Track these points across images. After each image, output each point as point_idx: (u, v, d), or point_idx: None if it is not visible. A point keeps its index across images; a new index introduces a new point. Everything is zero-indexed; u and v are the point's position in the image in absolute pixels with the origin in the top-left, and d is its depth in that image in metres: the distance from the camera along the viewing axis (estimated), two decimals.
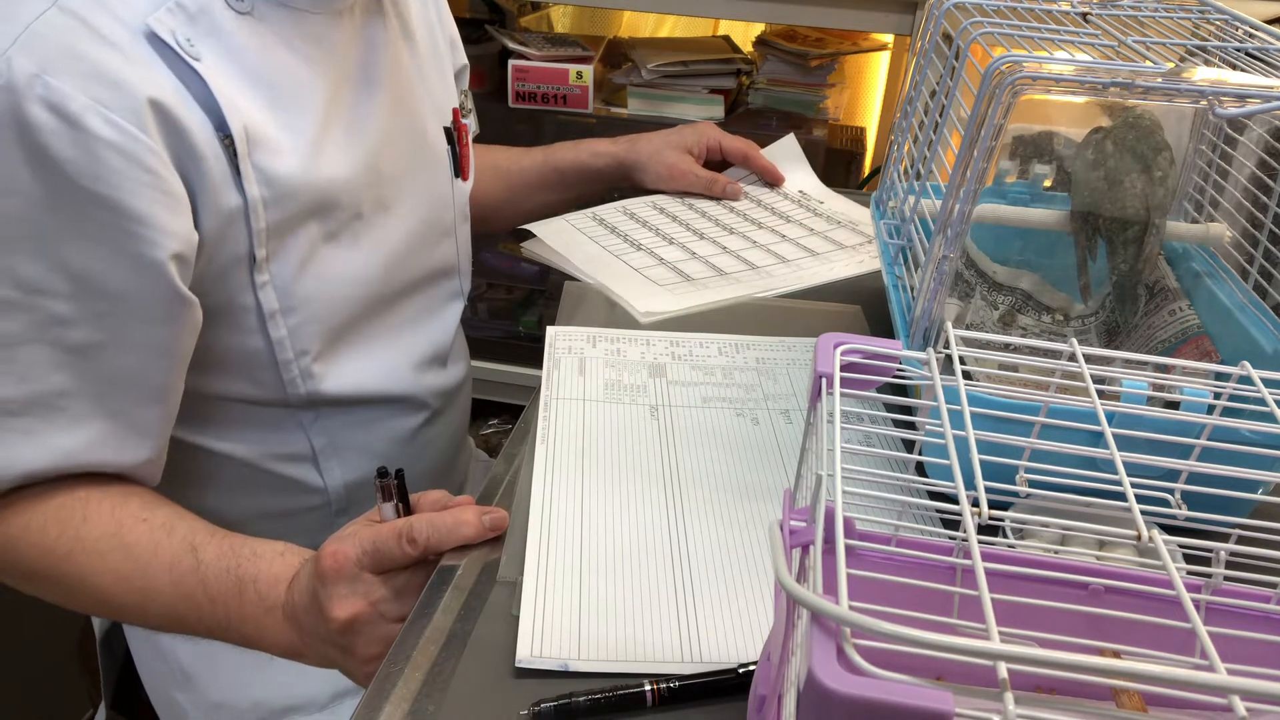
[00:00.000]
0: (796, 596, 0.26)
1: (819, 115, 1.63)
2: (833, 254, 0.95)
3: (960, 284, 0.79)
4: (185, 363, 0.64)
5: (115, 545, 0.62)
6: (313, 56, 0.66)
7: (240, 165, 0.61)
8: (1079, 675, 0.24)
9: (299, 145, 0.64)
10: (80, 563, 0.62)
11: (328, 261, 0.69)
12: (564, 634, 0.52)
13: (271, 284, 0.65)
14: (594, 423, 0.69)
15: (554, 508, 0.61)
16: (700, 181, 1.03)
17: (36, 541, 0.62)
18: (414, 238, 0.77)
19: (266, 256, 0.64)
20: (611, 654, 0.51)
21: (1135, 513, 0.34)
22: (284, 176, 0.63)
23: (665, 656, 0.51)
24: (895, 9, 1.35)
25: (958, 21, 0.66)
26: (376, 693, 0.50)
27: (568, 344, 0.77)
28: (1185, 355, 0.68)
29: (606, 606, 0.54)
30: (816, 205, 1.05)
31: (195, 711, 0.80)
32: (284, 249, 0.65)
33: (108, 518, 0.63)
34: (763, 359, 0.79)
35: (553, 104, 1.57)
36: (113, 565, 0.62)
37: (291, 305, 0.67)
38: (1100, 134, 0.70)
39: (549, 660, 0.51)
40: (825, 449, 0.35)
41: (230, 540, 0.63)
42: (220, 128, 0.60)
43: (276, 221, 0.64)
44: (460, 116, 0.84)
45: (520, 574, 0.56)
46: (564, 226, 0.96)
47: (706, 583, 0.56)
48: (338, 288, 0.70)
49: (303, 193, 0.65)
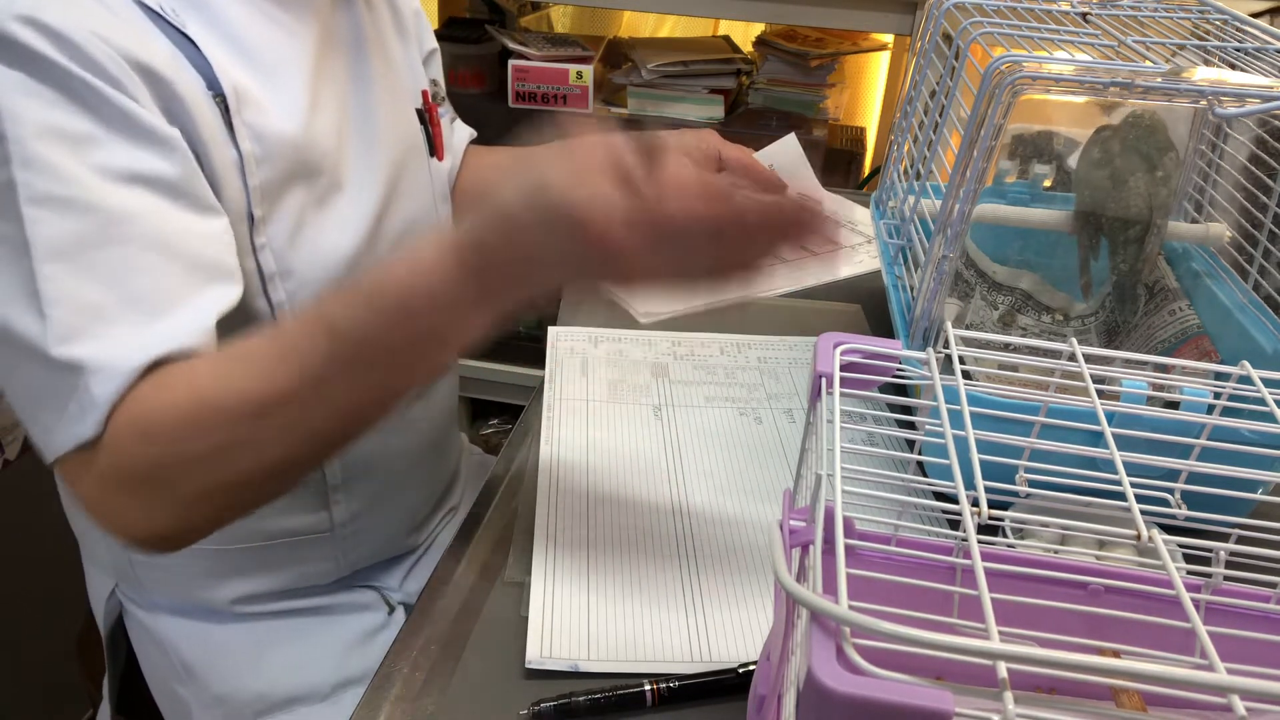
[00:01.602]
0: (796, 596, 0.26)
1: (819, 115, 1.63)
2: (832, 253, 0.96)
3: (960, 284, 0.79)
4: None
5: (255, 355, 0.56)
6: (293, 30, 0.68)
7: (233, 120, 0.62)
8: (1079, 675, 0.24)
9: (283, 108, 0.65)
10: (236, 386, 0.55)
11: (315, 228, 0.69)
12: (572, 635, 0.52)
13: (269, 246, 0.65)
14: (598, 423, 0.69)
15: (560, 509, 0.61)
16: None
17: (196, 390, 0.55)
18: (393, 214, 0.77)
19: (263, 217, 0.64)
20: (620, 654, 0.51)
21: (1135, 513, 0.34)
22: (272, 134, 0.64)
23: (673, 656, 0.51)
24: (895, 9, 1.35)
25: (958, 21, 0.66)
26: (376, 692, 0.50)
27: (570, 344, 0.77)
28: (1185, 355, 0.68)
29: (614, 607, 0.54)
30: (815, 205, 1.05)
31: (197, 705, 0.80)
32: (276, 212, 0.66)
33: (226, 357, 0.57)
34: (764, 358, 0.79)
35: (553, 104, 1.57)
36: (263, 369, 0.55)
37: (288, 269, 0.67)
38: (1107, 132, 0.70)
39: (558, 661, 0.51)
40: (825, 449, 0.35)
41: (343, 290, 0.55)
42: (212, 86, 0.61)
43: (267, 180, 0.64)
44: (429, 98, 0.85)
45: (528, 575, 0.56)
46: None
47: (713, 582, 0.56)
48: (325, 255, 0.70)
49: (289, 153, 0.65)
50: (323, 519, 0.76)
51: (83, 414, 0.53)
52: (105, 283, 0.55)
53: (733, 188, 0.48)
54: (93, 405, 0.53)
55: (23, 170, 0.53)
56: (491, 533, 0.62)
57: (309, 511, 0.76)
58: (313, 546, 0.77)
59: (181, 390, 0.55)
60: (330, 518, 0.76)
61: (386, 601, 0.82)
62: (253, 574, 0.76)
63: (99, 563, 0.81)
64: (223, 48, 0.63)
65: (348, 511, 0.77)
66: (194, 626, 0.79)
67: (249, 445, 0.54)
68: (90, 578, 0.84)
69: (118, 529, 0.56)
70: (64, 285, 0.53)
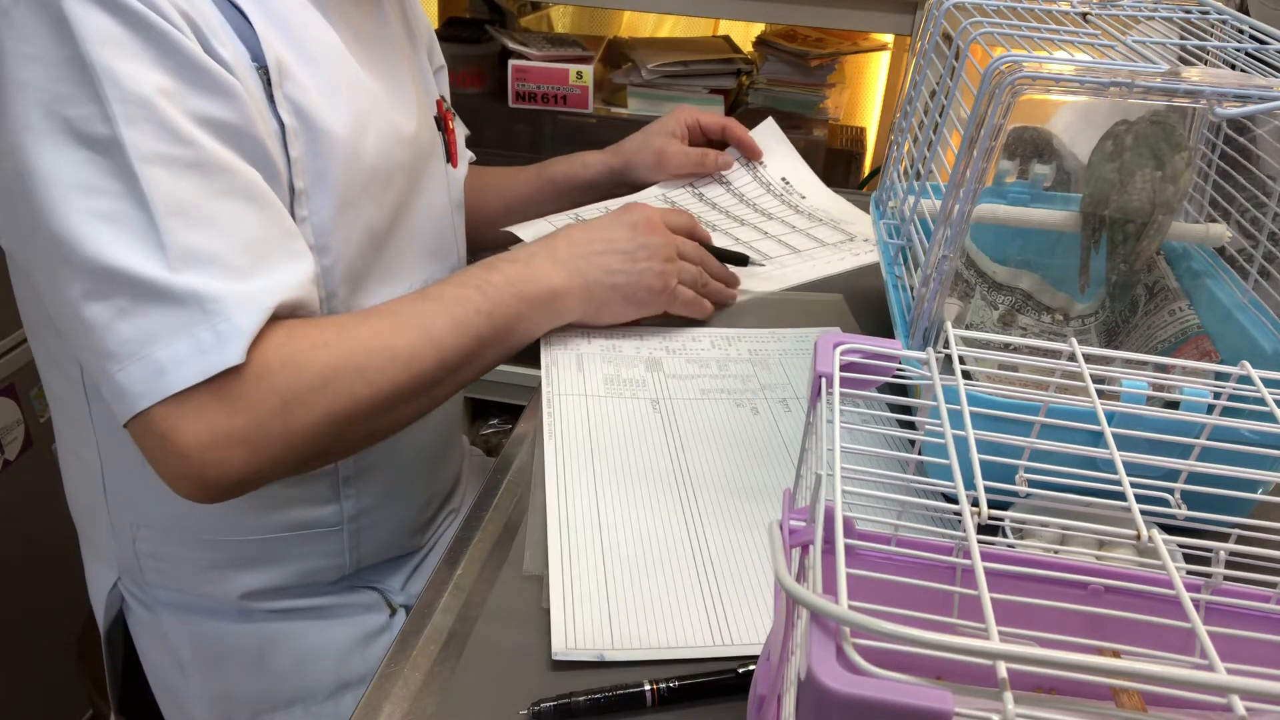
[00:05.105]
0: (796, 596, 0.26)
1: (819, 115, 1.63)
2: (815, 251, 0.97)
3: (960, 284, 0.79)
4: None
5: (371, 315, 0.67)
6: (331, 20, 0.69)
7: (274, 93, 0.63)
8: (1079, 675, 0.24)
9: (320, 90, 0.66)
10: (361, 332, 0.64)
11: (354, 209, 0.70)
12: (596, 625, 0.53)
13: (310, 220, 0.66)
14: (598, 417, 0.69)
15: (570, 502, 0.61)
16: (690, 159, 1.04)
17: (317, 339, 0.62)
18: (415, 207, 0.79)
19: (304, 190, 0.65)
20: (643, 642, 0.52)
21: (1135, 513, 0.34)
22: (311, 110, 0.65)
23: (696, 641, 0.52)
24: (895, 9, 1.35)
25: (958, 21, 0.66)
26: (376, 692, 0.50)
27: (563, 340, 0.78)
28: (1185, 355, 0.68)
29: (632, 596, 0.55)
30: (798, 201, 1.06)
31: (197, 702, 0.80)
32: (317, 187, 0.67)
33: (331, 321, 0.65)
34: (755, 350, 0.80)
35: (553, 104, 1.57)
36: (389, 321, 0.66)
37: (326, 244, 0.68)
38: (1123, 126, 0.70)
39: (584, 652, 0.51)
40: (825, 449, 0.35)
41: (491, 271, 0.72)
42: (256, 58, 0.62)
43: (304, 153, 0.65)
44: (443, 107, 0.86)
45: (545, 568, 0.56)
46: (547, 227, 0.96)
47: (727, 568, 0.57)
48: (358, 235, 0.71)
49: (327, 129, 0.66)
50: (334, 512, 0.77)
51: (221, 343, 0.56)
52: (222, 233, 0.57)
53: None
54: (236, 334, 0.56)
55: (129, 129, 0.55)
56: (492, 532, 0.62)
57: (321, 504, 0.76)
58: (322, 540, 0.78)
59: (326, 325, 0.62)
60: (341, 510, 0.77)
61: (388, 603, 0.83)
62: (261, 567, 0.77)
63: (102, 556, 0.81)
64: (267, 21, 0.64)
65: (358, 505, 0.78)
66: (197, 623, 0.79)
67: (367, 378, 0.62)
68: (91, 572, 0.84)
69: (212, 471, 0.57)
70: (184, 236, 0.56)
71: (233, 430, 0.57)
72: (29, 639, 1.32)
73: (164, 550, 0.76)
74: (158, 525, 0.75)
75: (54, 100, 0.54)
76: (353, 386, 0.62)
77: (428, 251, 0.81)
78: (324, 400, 0.60)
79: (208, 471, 0.57)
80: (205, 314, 0.56)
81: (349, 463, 0.77)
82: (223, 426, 0.57)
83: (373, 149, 0.70)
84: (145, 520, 0.75)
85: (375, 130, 0.71)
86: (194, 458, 0.57)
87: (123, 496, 0.75)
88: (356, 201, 0.69)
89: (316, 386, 0.60)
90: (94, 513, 0.78)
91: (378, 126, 0.71)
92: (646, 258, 0.77)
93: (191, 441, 0.56)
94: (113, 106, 0.54)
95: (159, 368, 0.55)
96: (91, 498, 0.77)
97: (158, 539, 0.76)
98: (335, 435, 0.62)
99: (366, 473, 0.78)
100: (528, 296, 0.71)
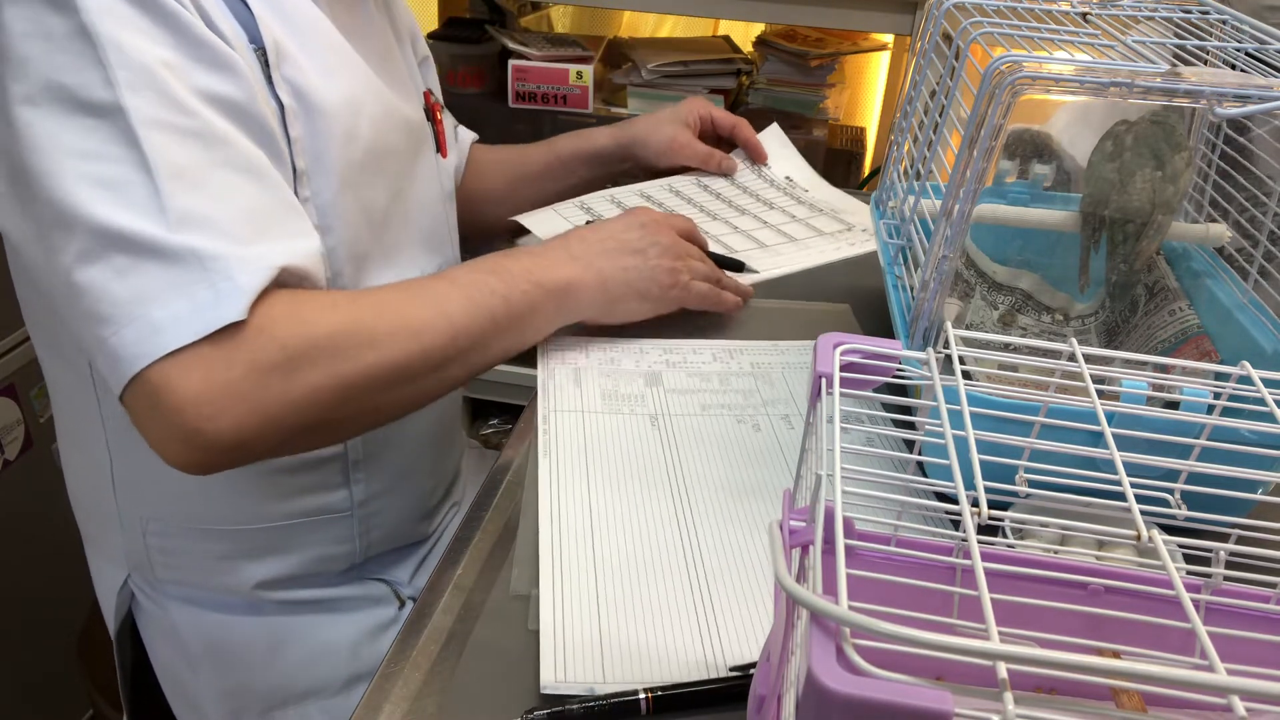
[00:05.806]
0: (796, 596, 0.26)
1: (819, 115, 1.64)
2: (811, 240, 0.96)
3: (960, 284, 0.79)
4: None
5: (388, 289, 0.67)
6: (324, 9, 0.70)
7: (272, 74, 0.63)
8: (1079, 675, 0.24)
9: (317, 72, 0.67)
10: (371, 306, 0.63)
11: (353, 190, 0.70)
12: (586, 657, 0.50)
13: (313, 201, 0.67)
14: (595, 434, 0.67)
15: (564, 524, 0.59)
16: (698, 155, 1.04)
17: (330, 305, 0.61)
18: (409, 195, 0.79)
19: (305, 170, 0.66)
20: (636, 674, 0.50)
21: (1135, 513, 0.34)
22: (308, 91, 0.65)
23: (690, 673, 0.50)
24: (895, 9, 1.35)
25: (958, 21, 0.66)
26: (377, 692, 0.50)
27: (560, 354, 0.77)
28: (1185, 355, 0.68)
29: (626, 624, 0.52)
30: (801, 193, 1.06)
31: (209, 698, 0.80)
32: (317, 167, 0.67)
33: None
34: (758, 363, 0.78)
35: (553, 104, 1.57)
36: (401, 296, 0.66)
37: (329, 225, 0.68)
38: (1123, 127, 0.70)
39: (574, 685, 0.49)
40: (825, 449, 0.35)
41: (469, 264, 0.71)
42: (254, 40, 0.63)
43: (304, 133, 0.65)
44: (429, 99, 0.87)
45: (535, 588, 0.54)
46: (552, 216, 0.96)
47: (724, 595, 0.55)
48: (357, 219, 0.71)
49: (325, 110, 0.66)
50: (344, 497, 0.77)
51: (220, 300, 0.54)
52: (222, 201, 0.57)
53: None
54: (237, 292, 0.55)
55: (131, 95, 0.55)
56: (492, 533, 0.62)
57: (331, 489, 0.77)
58: (333, 526, 0.78)
59: (335, 293, 0.63)
60: (351, 496, 0.78)
61: (398, 596, 0.83)
62: (273, 556, 0.77)
63: (110, 555, 0.81)
64: (263, 4, 0.64)
65: (367, 489, 0.78)
66: (209, 617, 0.79)
67: (377, 345, 0.61)
68: (98, 573, 0.84)
69: (208, 427, 0.54)
70: (185, 199, 0.55)
71: (231, 383, 0.54)
72: (29, 639, 1.32)
73: (175, 543, 0.76)
74: (169, 518, 0.75)
75: (54, 70, 0.54)
76: (361, 352, 0.59)
77: (423, 240, 0.82)
78: (331, 362, 0.58)
79: (203, 429, 0.54)
80: (205, 272, 0.54)
81: (358, 446, 0.77)
82: (220, 379, 0.54)
83: (368, 131, 0.70)
84: (156, 514, 0.75)
85: (369, 113, 0.71)
86: (188, 412, 0.53)
87: (133, 490, 0.75)
88: (355, 182, 0.70)
89: (324, 346, 0.58)
90: (101, 510, 0.78)
91: (372, 109, 0.71)
92: (658, 255, 0.77)
93: (186, 394, 0.53)
94: (115, 72, 0.54)
95: (154, 326, 0.53)
96: (99, 495, 0.77)
97: (169, 532, 0.76)
98: (338, 404, 0.59)
99: (375, 457, 0.78)
100: (544, 285, 0.71)
